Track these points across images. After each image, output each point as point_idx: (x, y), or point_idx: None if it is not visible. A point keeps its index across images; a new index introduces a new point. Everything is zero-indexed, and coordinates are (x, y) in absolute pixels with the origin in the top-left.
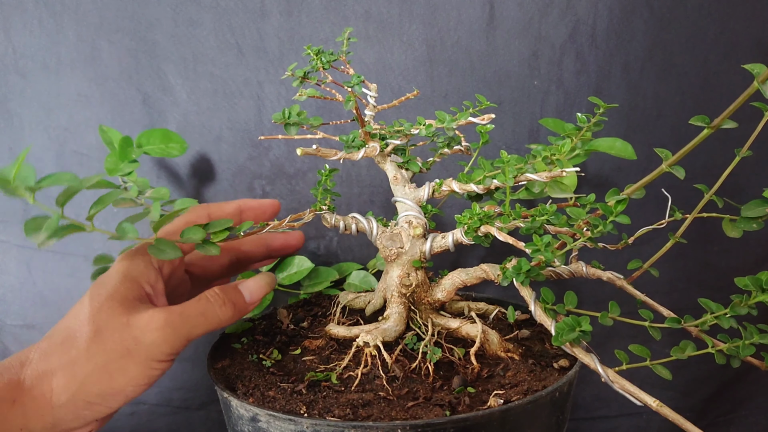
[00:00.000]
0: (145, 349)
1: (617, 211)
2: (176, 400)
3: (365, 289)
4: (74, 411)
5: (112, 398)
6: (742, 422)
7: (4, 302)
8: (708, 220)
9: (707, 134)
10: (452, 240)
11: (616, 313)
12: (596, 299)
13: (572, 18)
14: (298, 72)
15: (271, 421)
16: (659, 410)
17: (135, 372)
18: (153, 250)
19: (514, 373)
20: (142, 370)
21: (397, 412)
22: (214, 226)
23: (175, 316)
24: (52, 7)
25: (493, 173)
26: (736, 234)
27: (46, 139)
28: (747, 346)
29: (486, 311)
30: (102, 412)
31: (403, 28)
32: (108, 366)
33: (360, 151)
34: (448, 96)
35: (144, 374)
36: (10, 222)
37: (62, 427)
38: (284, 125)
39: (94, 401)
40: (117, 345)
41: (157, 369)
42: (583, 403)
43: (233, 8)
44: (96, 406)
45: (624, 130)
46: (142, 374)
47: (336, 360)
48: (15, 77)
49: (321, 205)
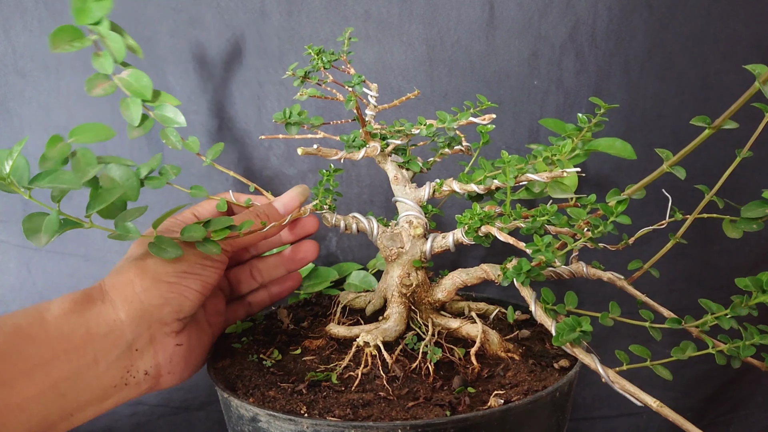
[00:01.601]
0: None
1: (618, 211)
2: (176, 400)
3: (365, 289)
4: (158, 292)
5: (186, 276)
6: (742, 422)
7: (4, 302)
8: (708, 221)
9: (708, 135)
10: (453, 240)
11: (616, 314)
12: (596, 299)
13: (572, 18)
14: (298, 72)
15: (272, 421)
16: (660, 410)
17: (197, 251)
18: (153, 248)
19: (515, 373)
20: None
21: (397, 412)
22: (215, 224)
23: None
24: (52, 7)
25: (493, 173)
26: (736, 234)
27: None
28: (747, 347)
29: (486, 311)
30: (183, 294)
31: (403, 28)
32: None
33: (361, 150)
34: (448, 96)
35: (203, 253)
36: (10, 222)
37: (152, 315)
38: (285, 125)
39: (172, 279)
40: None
41: (215, 259)
42: (583, 403)
43: (233, 8)
44: (175, 285)
45: (624, 130)
46: (200, 253)
47: (336, 360)
48: (15, 77)
49: (321, 204)
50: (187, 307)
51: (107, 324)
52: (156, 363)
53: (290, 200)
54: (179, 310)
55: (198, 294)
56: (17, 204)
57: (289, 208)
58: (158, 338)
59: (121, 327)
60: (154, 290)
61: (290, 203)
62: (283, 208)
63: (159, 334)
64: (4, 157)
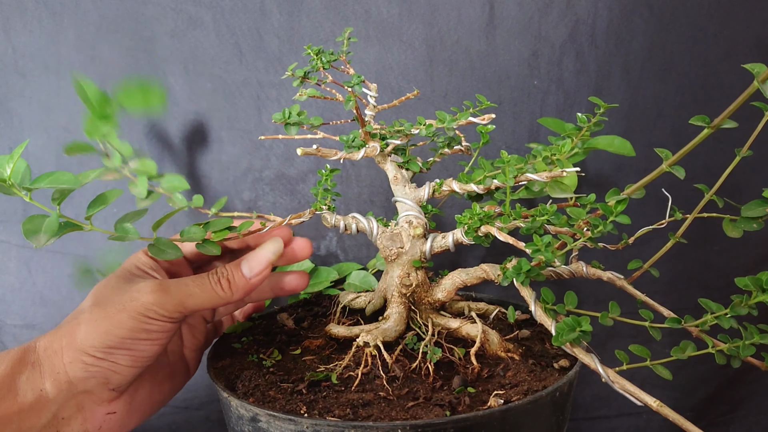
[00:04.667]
0: (138, 304)
1: (617, 211)
2: (176, 400)
3: (365, 289)
4: (82, 366)
5: (114, 351)
6: (742, 422)
7: (4, 302)
8: (708, 220)
9: (707, 134)
10: (452, 240)
11: (616, 314)
12: (596, 299)
13: (572, 18)
14: (298, 72)
15: (272, 421)
16: (660, 410)
17: (129, 324)
18: (153, 250)
19: (515, 373)
20: (135, 323)
21: (397, 412)
22: (215, 224)
23: (171, 282)
24: (52, 7)
25: (493, 173)
26: (736, 234)
27: (46, 138)
28: (747, 347)
29: (486, 311)
30: (110, 368)
31: (403, 28)
32: (105, 321)
33: (360, 151)
34: (448, 96)
35: (138, 326)
36: (10, 222)
37: (77, 386)
38: (284, 125)
39: (97, 354)
40: (114, 305)
41: (152, 324)
42: (582, 403)
43: (233, 8)
44: (101, 360)
45: (624, 130)
46: (136, 326)
47: (336, 360)
48: (15, 77)
49: (321, 204)
50: (117, 380)
51: (34, 393)
52: (84, 430)
53: (258, 264)
54: (106, 383)
55: (129, 369)
56: (17, 204)
57: (255, 272)
58: (86, 407)
59: (46, 397)
60: (78, 363)
61: (257, 267)
62: (250, 272)
63: (87, 403)
64: (5, 162)
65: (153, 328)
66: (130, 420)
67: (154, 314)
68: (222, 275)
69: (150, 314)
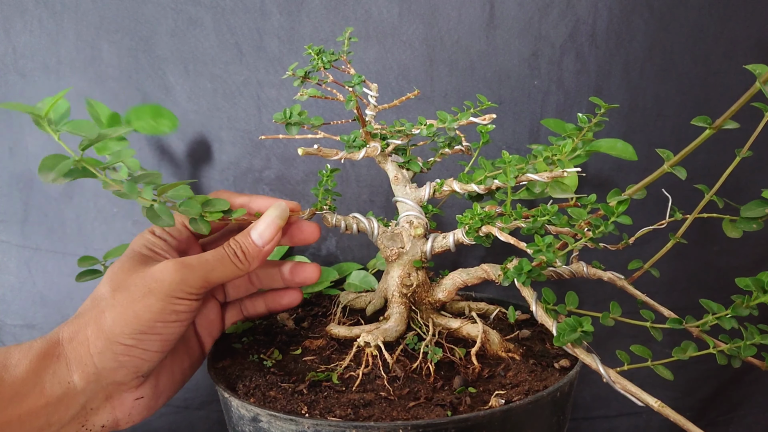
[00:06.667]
0: (166, 285)
1: (618, 211)
2: (176, 400)
3: (366, 289)
4: (112, 356)
5: (144, 337)
6: (742, 422)
7: (4, 302)
8: (708, 221)
9: (709, 135)
10: (453, 240)
11: (617, 314)
12: (597, 299)
13: (572, 18)
14: (298, 72)
15: (272, 422)
16: (660, 410)
17: (158, 307)
18: (149, 213)
19: (515, 373)
20: (164, 305)
21: (398, 412)
22: (213, 204)
23: (191, 259)
24: (52, 7)
25: (494, 173)
26: (736, 234)
27: (46, 138)
28: (748, 347)
29: (487, 311)
30: (140, 356)
31: (403, 28)
32: (133, 306)
33: (361, 151)
34: (448, 96)
35: (167, 308)
36: (10, 222)
37: (106, 377)
38: (285, 125)
39: (128, 342)
40: (138, 288)
41: (180, 304)
42: (583, 403)
43: (233, 8)
44: (132, 348)
45: (624, 130)
46: (165, 308)
47: (337, 360)
48: (15, 77)
49: (322, 205)
50: (146, 368)
51: (61, 386)
52: (114, 417)
53: (266, 228)
54: (136, 372)
55: (158, 354)
56: (17, 204)
57: (266, 237)
58: (115, 396)
59: (74, 390)
60: (108, 353)
61: (267, 231)
62: (260, 239)
63: (115, 393)
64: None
65: (181, 308)
66: (156, 403)
67: (182, 293)
68: (236, 247)
69: (178, 294)
